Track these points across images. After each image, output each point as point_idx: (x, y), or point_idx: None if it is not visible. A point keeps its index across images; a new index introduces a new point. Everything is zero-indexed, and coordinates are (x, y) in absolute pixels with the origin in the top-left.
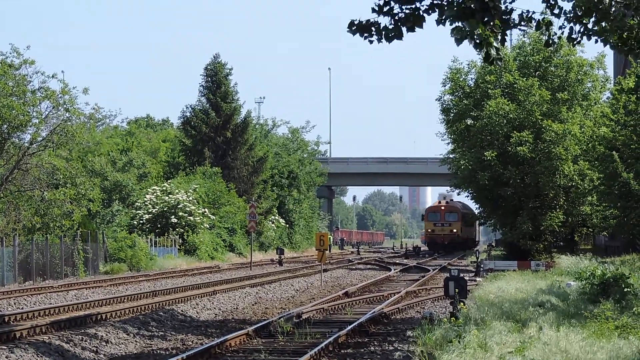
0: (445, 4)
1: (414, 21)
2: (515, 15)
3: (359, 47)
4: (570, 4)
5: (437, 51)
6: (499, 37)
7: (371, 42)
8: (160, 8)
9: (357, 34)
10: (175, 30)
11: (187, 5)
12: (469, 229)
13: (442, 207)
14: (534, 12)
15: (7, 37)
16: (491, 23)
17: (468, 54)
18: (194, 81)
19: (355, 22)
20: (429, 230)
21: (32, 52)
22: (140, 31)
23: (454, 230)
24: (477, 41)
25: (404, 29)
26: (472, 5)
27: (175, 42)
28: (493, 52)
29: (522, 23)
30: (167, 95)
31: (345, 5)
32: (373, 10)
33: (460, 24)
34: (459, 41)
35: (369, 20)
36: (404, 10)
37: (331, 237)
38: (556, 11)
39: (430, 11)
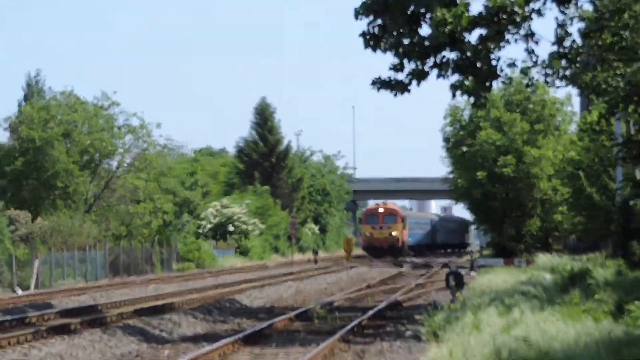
0: (443, 63)
1: (420, 76)
2: (501, 63)
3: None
4: (546, 53)
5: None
6: (488, 85)
7: (398, 94)
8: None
9: (379, 89)
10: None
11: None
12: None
13: (381, 210)
14: (516, 60)
15: (96, 77)
16: (477, 76)
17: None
18: (245, 117)
19: (378, 80)
20: (367, 235)
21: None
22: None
23: (394, 234)
24: (467, 92)
25: (413, 83)
26: (462, 65)
27: (229, 86)
28: (479, 99)
29: (506, 75)
30: (223, 129)
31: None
32: (390, 68)
33: (454, 79)
34: (453, 94)
35: (389, 77)
36: (415, 67)
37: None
38: (534, 59)
39: (433, 68)
